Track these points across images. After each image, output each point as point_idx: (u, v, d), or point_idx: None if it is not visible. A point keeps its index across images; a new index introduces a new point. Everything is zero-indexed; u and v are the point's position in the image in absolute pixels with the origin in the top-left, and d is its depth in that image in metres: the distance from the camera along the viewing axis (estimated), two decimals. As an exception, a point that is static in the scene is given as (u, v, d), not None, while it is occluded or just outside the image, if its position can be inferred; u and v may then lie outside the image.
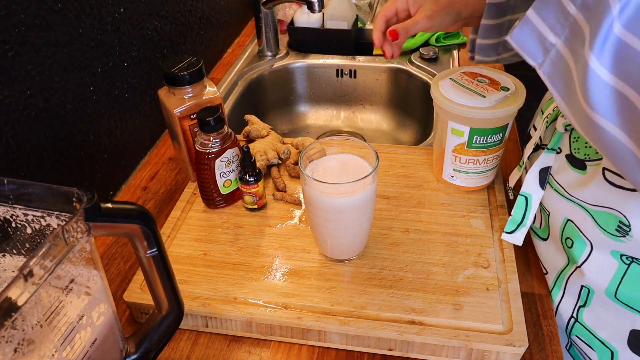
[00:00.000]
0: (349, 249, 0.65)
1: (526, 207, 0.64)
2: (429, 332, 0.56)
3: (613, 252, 0.56)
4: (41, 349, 0.39)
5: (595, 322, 0.60)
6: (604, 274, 0.57)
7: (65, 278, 0.40)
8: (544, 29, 0.46)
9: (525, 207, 0.64)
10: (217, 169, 0.70)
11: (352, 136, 0.64)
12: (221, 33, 1.20)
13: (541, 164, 0.62)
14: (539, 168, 0.62)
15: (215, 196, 0.73)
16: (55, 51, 0.68)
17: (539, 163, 0.62)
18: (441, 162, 0.74)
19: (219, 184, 0.72)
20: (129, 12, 0.83)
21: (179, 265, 0.66)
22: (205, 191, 0.73)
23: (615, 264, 0.56)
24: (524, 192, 0.63)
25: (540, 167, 0.62)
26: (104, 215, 0.43)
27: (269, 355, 0.60)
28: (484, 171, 0.72)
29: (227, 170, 0.71)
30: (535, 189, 0.63)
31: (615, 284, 0.56)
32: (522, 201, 0.64)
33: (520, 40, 0.48)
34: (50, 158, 0.69)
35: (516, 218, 0.64)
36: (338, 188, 0.58)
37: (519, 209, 0.64)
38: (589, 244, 0.58)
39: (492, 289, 0.61)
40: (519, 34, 0.48)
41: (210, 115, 0.68)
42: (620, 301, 0.57)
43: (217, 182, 0.71)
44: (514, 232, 0.64)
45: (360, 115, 1.23)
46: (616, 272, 0.56)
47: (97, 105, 0.78)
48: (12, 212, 0.42)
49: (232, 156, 0.71)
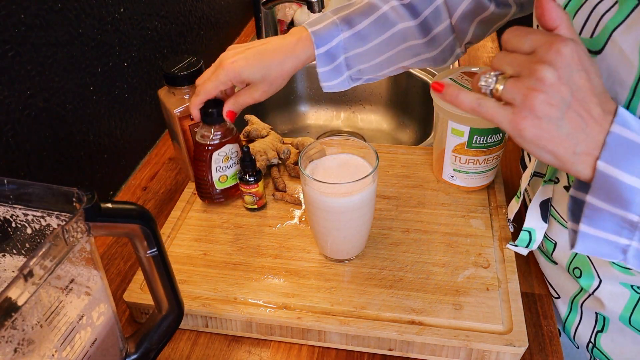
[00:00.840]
0: (349, 249, 0.64)
1: (530, 240, 0.63)
2: (429, 332, 0.56)
3: (622, 283, 0.55)
4: (41, 349, 0.39)
5: (612, 349, 0.59)
6: (616, 302, 0.57)
7: (65, 278, 0.40)
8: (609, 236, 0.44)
9: (529, 240, 0.63)
10: (213, 162, 0.70)
11: (352, 136, 0.64)
12: (221, 33, 1.20)
13: (541, 197, 0.60)
14: (538, 202, 0.60)
15: (211, 190, 0.73)
16: (55, 51, 0.68)
17: (538, 197, 0.60)
18: (441, 162, 0.74)
19: (214, 178, 0.71)
20: (129, 12, 0.83)
21: (179, 265, 0.66)
22: (200, 185, 0.72)
23: (627, 293, 0.55)
24: (527, 227, 0.62)
25: (540, 201, 0.60)
26: (104, 215, 0.43)
27: (269, 355, 0.60)
28: (484, 171, 0.72)
29: (224, 166, 0.71)
30: (539, 223, 0.61)
31: (628, 311, 0.56)
32: (525, 236, 0.63)
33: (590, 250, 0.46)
34: (50, 158, 0.69)
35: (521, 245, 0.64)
36: (338, 188, 0.58)
37: (523, 242, 0.63)
38: (597, 276, 0.57)
39: (492, 289, 0.61)
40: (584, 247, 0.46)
41: (214, 107, 0.67)
42: (634, 327, 0.56)
43: (213, 176, 0.71)
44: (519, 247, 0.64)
45: (360, 115, 1.23)
46: (629, 300, 0.55)
47: (97, 105, 0.78)
48: (12, 212, 0.42)
49: (230, 152, 0.70)
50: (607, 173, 0.41)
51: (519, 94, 0.40)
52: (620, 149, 0.41)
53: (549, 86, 0.39)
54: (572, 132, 0.40)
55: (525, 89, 0.40)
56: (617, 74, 0.45)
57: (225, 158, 0.70)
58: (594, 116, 0.40)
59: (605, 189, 0.42)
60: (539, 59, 0.39)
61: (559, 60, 0.39)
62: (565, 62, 0.39)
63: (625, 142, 0.40)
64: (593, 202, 0.43)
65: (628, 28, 0.43)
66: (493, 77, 0.42)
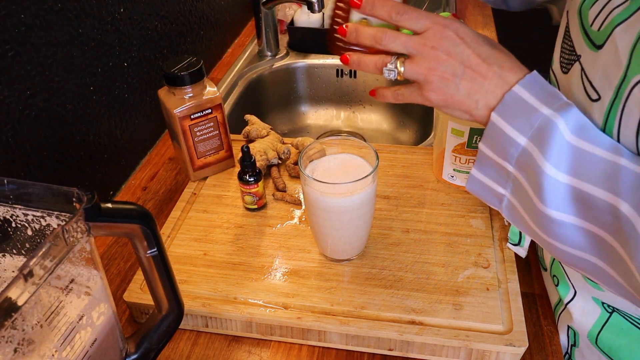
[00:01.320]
0: (349, 249, 0.64)
1: (520, 236, 0.63)
2: (429, 332, 0.56)
3: (594, 299, 0.56)
4: (41, 349, 0.39)
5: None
6: (587, 318, 0.57)
7: (65, 278, 0.40)
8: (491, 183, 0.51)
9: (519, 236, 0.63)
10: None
11: (352, 136, 0.64)
12: (221, 33, 1.20)
13: None
14: None
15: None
16: (55, 51, 0.68)
17: None
18: (441, 162, 0.74)
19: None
20: (129, 12, 0.83)
21: (179, 265, 0.66)
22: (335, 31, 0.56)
23: (598, 310, 0.56)
24: None
25: None
26: (104, 215, 0.43)
27: (269, 355, 0.60)
28: None
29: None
30: None
31: (596, 329, 0.56)
32: (515, 230, 0.63)
33: (475, 192, 0.53)
34: (50, 158, 0.69)
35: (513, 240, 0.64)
36: (338, 188, 0.58)
37: (514, 236, 0.64)
38: (572, 287, 0.58)
39: (492, 289, 0.61)
40: (471, 186, 0.53)
41: None
42: (600, 348, 0.57)
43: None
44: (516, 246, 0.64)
45: (360, 115, 1.23)
46: (598, 318, 0.56)
47: (97, 105, 0.78)
48: (12, 212, 0.42)
49: None
50: (497, 124, 0.48)
51: (419, 75, 0.50)
52: (514, 105, 0.47)
53: (441, 62, 0.49)
54: (471, 92, 0.49)
55: (423, 69, 0.49)
56: (608, 71, 0.45)
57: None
58: (489, 76, 0.48)
59: (492, 137, 0.48)
60: (430, 43, 0.49)
61: (445, 40, 0.48)
62: (450, 41, 0.48)
63: (520, 101, 0.46)
64: (483, 149, 0.50)
65: (628, 26, 0.43)
66: (393, 63, 0.51)
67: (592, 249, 0.45)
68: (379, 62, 0.52)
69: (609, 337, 0.55)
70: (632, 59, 0.42)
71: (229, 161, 0.81)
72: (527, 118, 0.46)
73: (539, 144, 0.45)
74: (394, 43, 0.50)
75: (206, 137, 0.77)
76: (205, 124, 0.75)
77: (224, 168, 0.82)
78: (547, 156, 0.44)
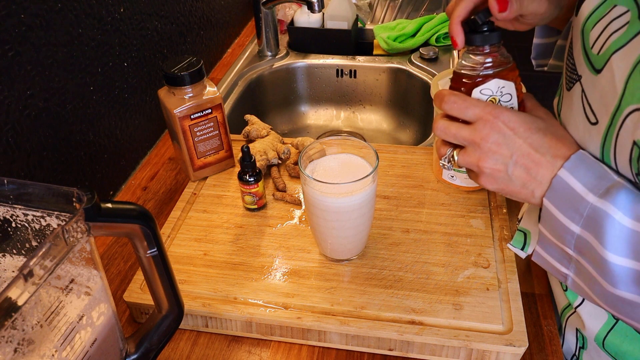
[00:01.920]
0: (349, 249, 0.64)
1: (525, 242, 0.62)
2: (429, 332, 0.56)
3: None
4: (41, 349, 0.39)
5: None
6: (595, 322, 0.57)
7: (65, 278, 0.40)
8: (554, 262, 0.52)
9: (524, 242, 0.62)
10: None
11: (352, 136, 0.64)
12: (221, 33, 1.20)
13: None
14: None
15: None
16: (55, 51, 0.68)
17: None
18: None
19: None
20: (129, 12, 0.83)
21: (179, 265, 0.66)
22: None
23: (605, 315, 0.56)
24: (522, 227, 0.61)
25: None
26: (104, 215, 0.43)
27: (269, 355, 0.60)
28: None
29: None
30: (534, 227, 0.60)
31: (603, 333, 0.56)
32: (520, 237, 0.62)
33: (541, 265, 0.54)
34: (50, 158, 0.69)
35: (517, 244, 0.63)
36: (338, 188, 0.58)
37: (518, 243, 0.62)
38: None
39: (492, 289, 0.61)
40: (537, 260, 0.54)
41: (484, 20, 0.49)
42: (607, 352, 0.56)
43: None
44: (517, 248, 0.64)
45: (360, 115, 1.23)
46: (606, 322, 0.56)
47: (97, 105, 0.78)
48: (12, 212, 0.42)
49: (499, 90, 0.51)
50: (549, 210, 0.48)
51: (471, 165, 0.51)
52: (562, 192, 0.47)
53: (490, 154, 0.49)
54: (524, 183, 0.49)
55: (474, 159, 0.50)
56: (605, 97, 0.45)
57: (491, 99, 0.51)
58: (542, 165, 0.48)
59: (549, 222, 0.49)
60: (479, 135, 0.49)
61: (494, 132, 0.48)
62: (499, 133, 0.48)
63: (567, 188, 0.46)
64: (542, 231, 0.51)
65: (625, 54, 0.43)
66: (447, 157, 0.53)
67: None
68: (440, 151, 0.54)
69: (616, 341, 0.55)
70: (626, 89, 0.42)
71: (229, 161, 0.81)
72: (575, 206, 0.46)
73: (594, 233, 0.45)
74: (446, 135, 0.51)
75: (206, 137, 0.77)
76: (205, 124, 0.75)
77: (224, 168, 0.82)
78: (606, 244, 0.44)
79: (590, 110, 0.47)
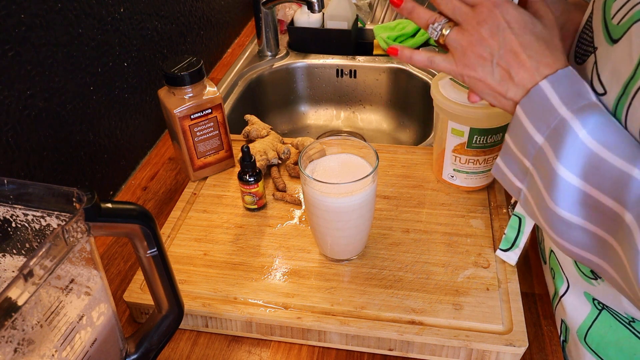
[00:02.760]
0: (349, 249, 0.64)
1: (519, 228, 0.62)
2: (429, 332, 0.56)
3: (586, 294, 0.55)
4: (41, 349, 0.39)
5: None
6: (578, 313, 0.57)
7: (65, 278, 0.40)
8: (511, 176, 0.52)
9: (518, 228, 0.62)
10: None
11: (352, 136, 0.64)
12: (221, 33, 1.20)
13: None
14: None
15: None
16: (55, 51, 0.68)
17: None
18: (441, 162, 0.74)
19: None
20: (129, 12, 0.83)
21: (179, 265, 0.66)
22: None
23: (588, 306, 0.56)
24: (517, 212, 0.62)
25: None
26: (104, 215, 0.43)
27: (269, 355, 0.60)
28: (484, 171, 0.72)
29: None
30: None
31: (586, 326, 0.56)
32: (515, 221, 0.62)
33: (499, 179, 0.54)
34: (50, 158, 0.69)
35: (510, 237, 0.63)
36: (338, 188, 0.58)
37: (512, 229, 0.63)
38: (566, 280, 0.58)
39: (492, 289, 0.61)
40: (496, 174, 0.54)
41: None
42: (588, 346, 0.56)
43: None
44: (508, 251, 0.64)
45: (360, 115, 1.23)
46: (589, 314, 0.56)
47: (97, 105, 0.78)
48: (12, 212, 0.42)
49: None
50: (519, 118, 0.48)
51: (459, 45, 0.50)
52: (537, 101, 0.46)
53: (481, 40, 0.48)
54: (503, 79, 0.48)
55: (465, 41, 0.49)
56: (619, 66, 0.44)
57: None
58: (525, 66, 0.47)
59: (515, 131, 0.49)
60: (477, 18, 0.48)
61: (490, 20, 0.48)
62: (496, 21, 0.48)
63: (543, 98, 0.46)
64: (508, 141, 0.51)
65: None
66: (440, 24, 0.51)
67: (598, 251, 0.45)
68: (430, 19, 0.52)
69: (598, 334, 0.55)
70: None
71: (229, 161, 0.81)
72: (546, 117, 0.46)
73: (553, 145, 0.45)
74: (446, 5, 0.50)
75: (206, 137, 0.77)
76: (205, 124, 0.75)
77: (224, 168, 0.82)
78: (560, 158, 0.44)
79: (599, 81, 0.47)
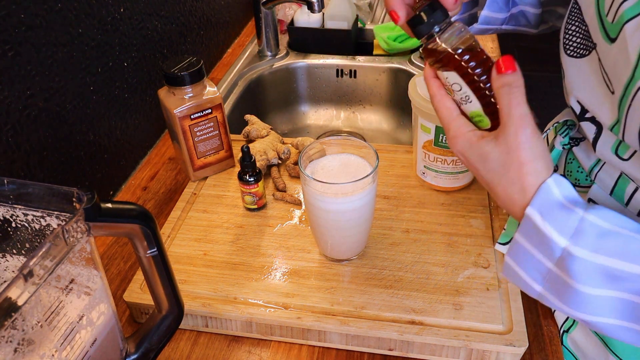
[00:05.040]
0: (349, 249, 0.65)
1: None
2: (429, 332, 0.56)
3: None
4: (41, 349, 0.39)
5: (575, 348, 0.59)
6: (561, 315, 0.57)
7: (65, 278, 0.40)
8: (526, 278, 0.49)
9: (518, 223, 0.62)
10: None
11: (352, 136, 0.64)
12: (221, 33, 1.20)
13: None
14: None
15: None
16: (55, 51, 0.68)
17: None
18: (416, 158, 0.75)
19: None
20: (129, 12, 0.83)
21: (179, 265, 0.66)
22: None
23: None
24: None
25: None
26: (104, 215, 0.43)
27: (269, 355, 0.60)
28: (453, 172, 0.72)
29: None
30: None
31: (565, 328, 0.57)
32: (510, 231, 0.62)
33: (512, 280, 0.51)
34: (50, 158, 0.69)
35: (510, 232, 0.62)
36: (338, 188, 0.58)
37: (512, 224, 0.62)
38: None
39: (492, 289, 0.61)
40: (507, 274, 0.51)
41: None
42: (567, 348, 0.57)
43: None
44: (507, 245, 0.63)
45: (360, 115, 1.23)
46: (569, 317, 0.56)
47: (97, 105, 0.78)
48: (12, 212, 0.42)
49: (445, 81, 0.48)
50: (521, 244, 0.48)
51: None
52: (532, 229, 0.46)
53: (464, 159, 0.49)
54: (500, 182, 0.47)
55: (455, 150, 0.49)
56: (619, 67, 0.44)
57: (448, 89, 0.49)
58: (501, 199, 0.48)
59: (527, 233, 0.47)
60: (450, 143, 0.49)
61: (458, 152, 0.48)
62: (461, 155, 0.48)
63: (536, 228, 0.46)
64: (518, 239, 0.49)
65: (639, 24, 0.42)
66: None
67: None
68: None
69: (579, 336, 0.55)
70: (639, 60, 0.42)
71: (229, 161, 0.81)
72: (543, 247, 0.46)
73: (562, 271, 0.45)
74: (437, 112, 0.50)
75: (206, 137, 0.77)
76: (205, 124, 0.75)
77: (224, 168, 0.82)
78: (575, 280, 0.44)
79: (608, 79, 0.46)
